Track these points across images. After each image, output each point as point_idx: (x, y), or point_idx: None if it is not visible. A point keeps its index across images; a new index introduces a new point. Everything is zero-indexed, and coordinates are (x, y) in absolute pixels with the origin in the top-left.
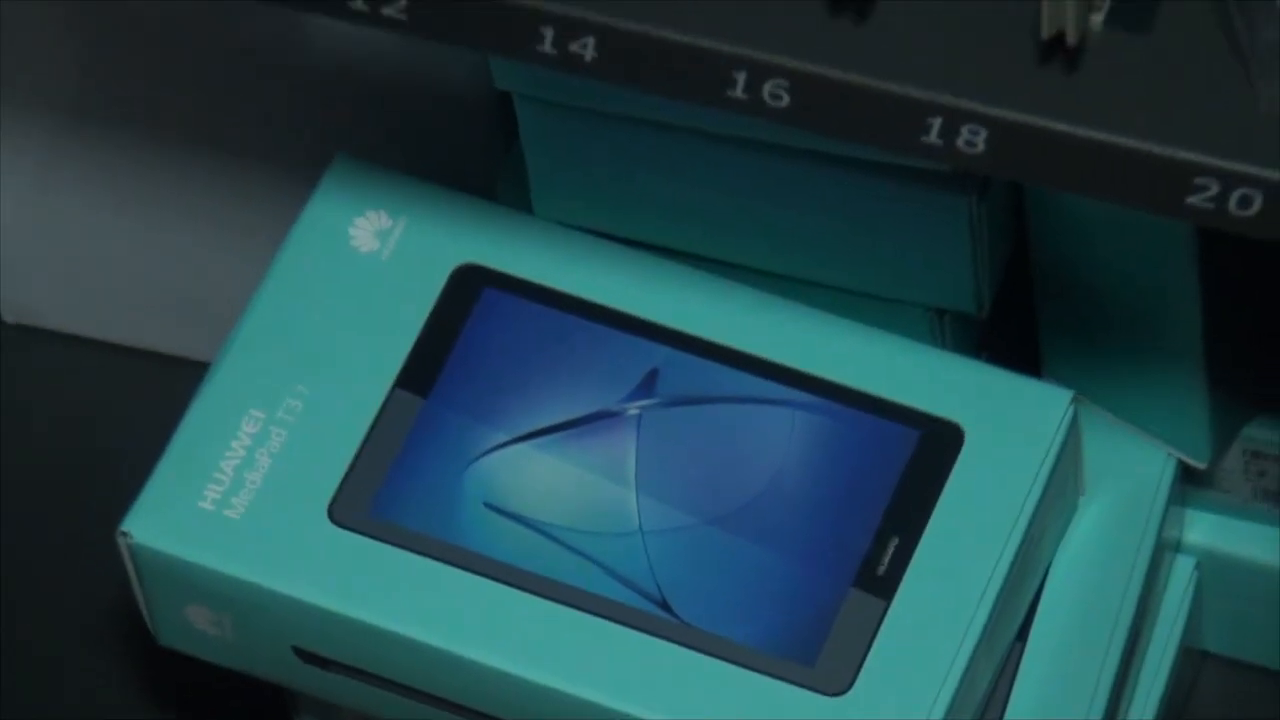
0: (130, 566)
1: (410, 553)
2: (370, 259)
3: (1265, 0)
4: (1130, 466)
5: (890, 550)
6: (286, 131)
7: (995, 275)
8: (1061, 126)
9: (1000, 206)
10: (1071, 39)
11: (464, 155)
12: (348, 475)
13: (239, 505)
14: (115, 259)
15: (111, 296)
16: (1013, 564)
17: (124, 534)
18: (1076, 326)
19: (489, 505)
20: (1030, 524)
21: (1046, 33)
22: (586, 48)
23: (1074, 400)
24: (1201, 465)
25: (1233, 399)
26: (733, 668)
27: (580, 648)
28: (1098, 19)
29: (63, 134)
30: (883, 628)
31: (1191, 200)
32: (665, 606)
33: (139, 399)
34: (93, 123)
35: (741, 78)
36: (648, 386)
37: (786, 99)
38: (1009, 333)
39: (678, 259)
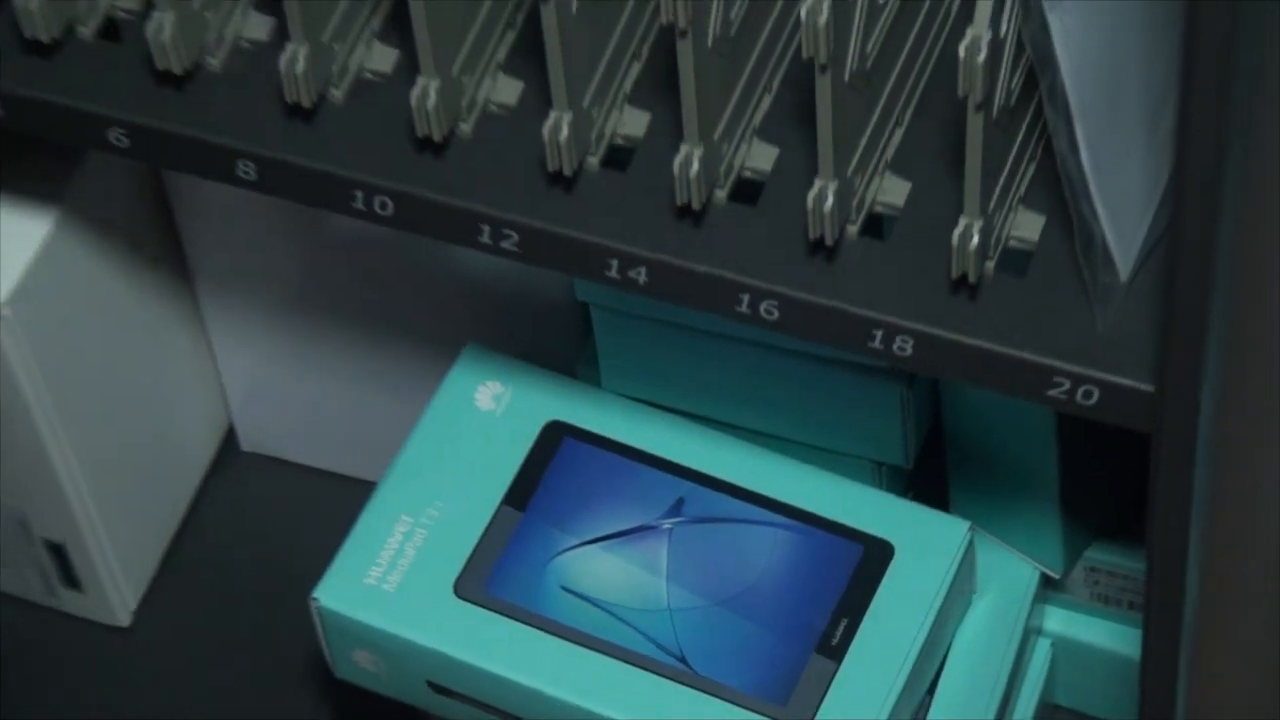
0: (318, 622)
1: (510, 619)
2: (488, 415)
3: (1106, 255)
4: (1007, 574)
5: (841, 627)
6: (441, 320)
7: (919, 438)
8: (964, 339)
9: (923, 391)
10: (972, 278)
11: (555, 341)
12: (468, 563)
13: (393, 582)
14: (318, 404)
15: (313, 431)
16: (926, 640)
17: (314, 599)
18: (974, 474)
19: (564, 588)
20: (938, 613)
21: (955, 274)
22: (640, 275)
23: (970, 529)
24: (1056, 575)
25: (1078, 531)
26: (728, 704)
27: (622, 687)
28: (990, 265)
29: (286, 311)
30: (834, 681)
31: (1051, 392)
32: (684, 661)
33: (330, 506)
34: (310, 305)
35: (745, 298)
36: (676, 509)
37: (776, 314)
38: (927, 477)
39: (699, 420)
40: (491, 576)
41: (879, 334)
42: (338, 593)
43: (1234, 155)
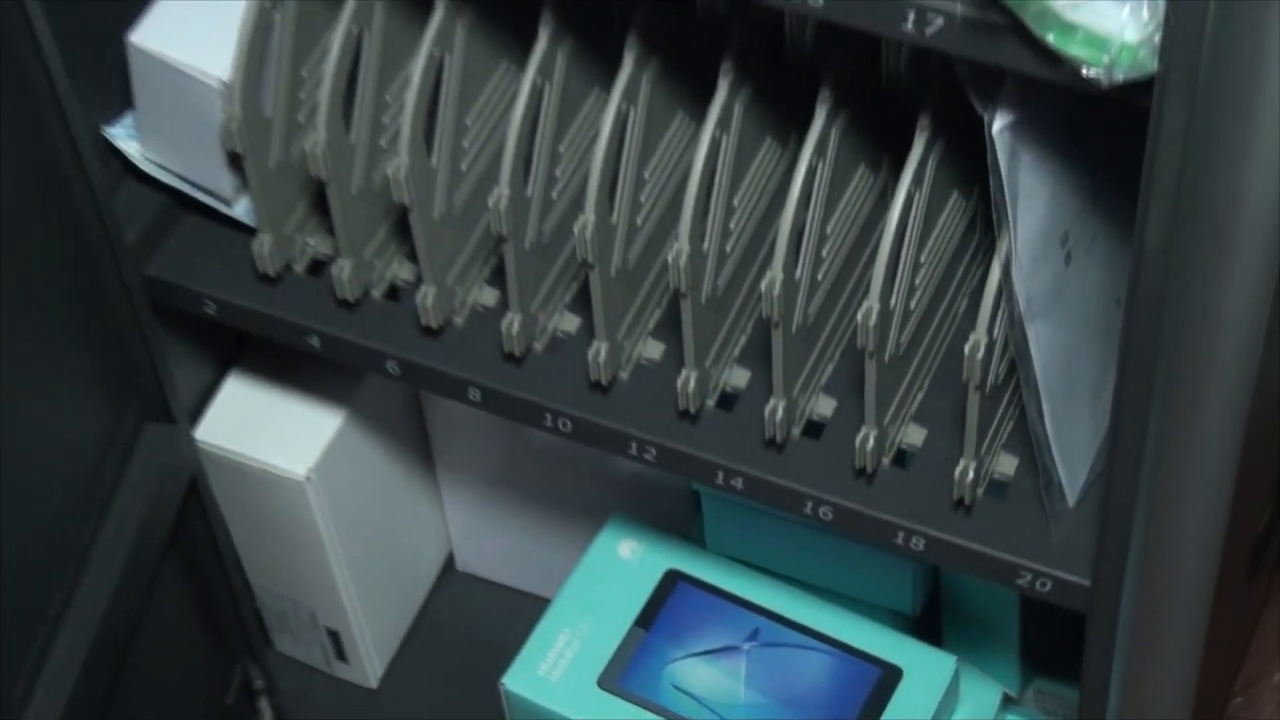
0: (504, 699)
1: (635, 706)
2: (626, 562)
3: (1060, 489)
4: (980, 692)
5: None
6: (600, 495)
7: (924, 595)
8: (961, 542)
9: (927, 567)
10: (968, 501)
11: (676, 515)
12: (608, 665)
13: (556, 675)
14: (512, 541)
15: (509, 560)
16: None
17: (503, 684)
18: (960, 621)
19: (675, 686)
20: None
21: (955, 497)
22: (738, 483)
23: (956, 661)
24: (1014, 695)
25: (1030, 665)
26: None
27: None
28: (980, 491)
29: (494, 478)
30: None
31: (1019, 581)
32: None
33: (517, 615)
34: (512, 475)
35: (809, 504)
36: (753, 636)
37: (831, 516)
38: (927, 620)
39: (771, 574)
40: (624, 675)
41: (900, 534)
42: (518, 680)
43: (1153, 427)
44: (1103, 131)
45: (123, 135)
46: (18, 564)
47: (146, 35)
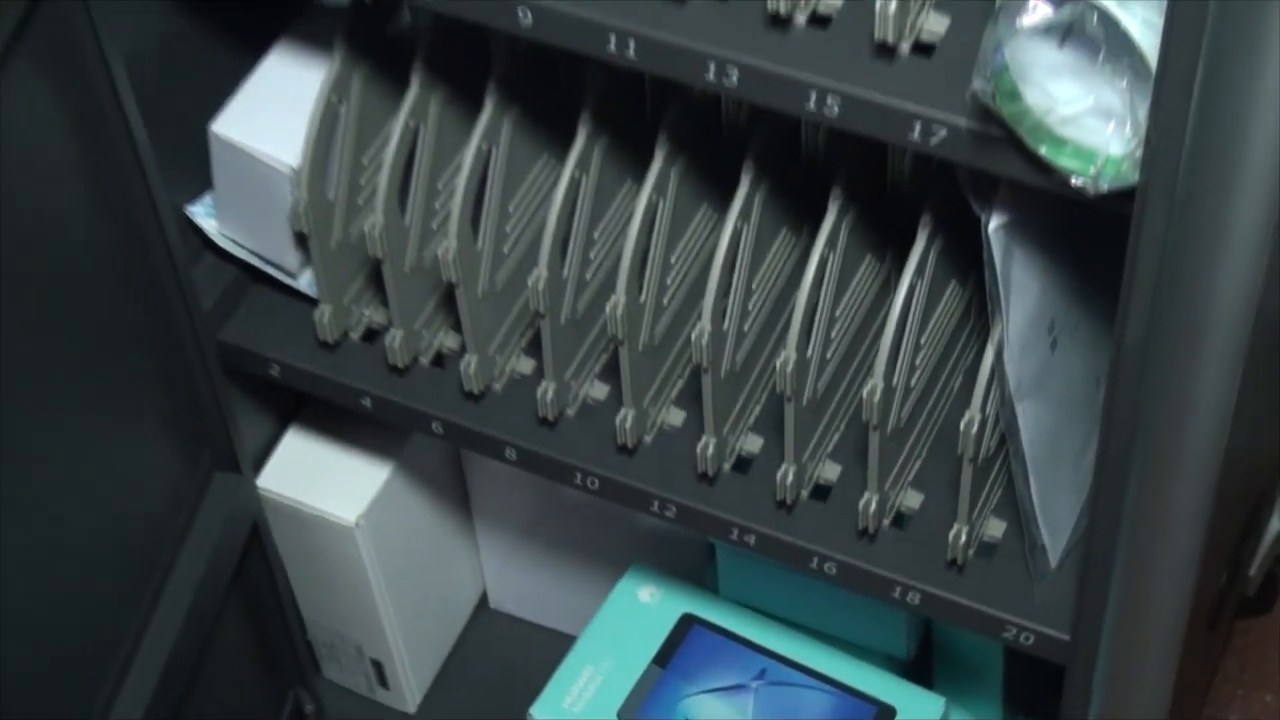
0: None
1: None
2: (645, 605)
3: (1043, 553)
4: None
5: None
6: (624, 544)
7: (917, 641)
8: (953, 597)
9: (919, 616)
10: (960, 561)
11: (691, 563)
12: (627, 699)
13: (580, 707)
14: (541, 583)
15: (537, 600)
16: None
17: (530, 715)
18: (949, 665)
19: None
20: None
21: (949, 557)
22: (750, 539)
23: (945, 703)
24: None
25: (1012, 708)
26: None
27: None
28: (971, 552)
29: (527, 525)
30: None
31: (1005, 634)
32: None
33: (544, 650)
34: (543, 524)
35: (815, 560)
36: (760, 675)
37: (835, 571)
38: (921, 666)
39: (778, 619)
40: (642, 709)
41: (898, 590)
42: (545, 710)
43: (1130, 499)
44: (1088, 231)
45: (202, 213)
46: (100, 597)
47: (226, 125)
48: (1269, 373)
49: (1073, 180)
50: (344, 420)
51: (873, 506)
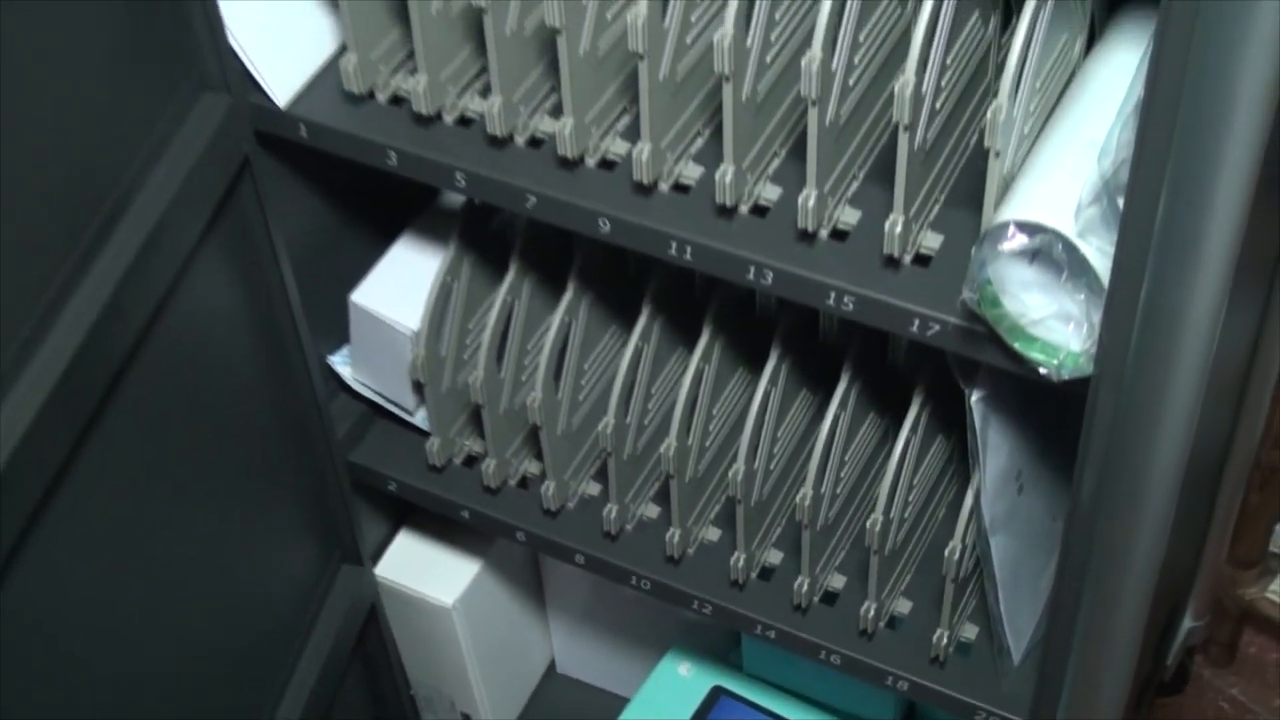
0: None
1: None
2: (683, 679)
3: (1008, 654)
4: None
5: None
6: (668, 630)
7: (903, 712)
8: (934, 686)
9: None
10: (941, 658)
11: (722, 644)
12: None
13: None
14: (600, 653)
15: (597, 666)
16: None
17: None
18: None
19: None
20: None
21: (931, 655)
22: (771, 634)
23: None
24: None
25: None
26: None
27: None
28: (950, 649)
29: (588, 612)
30: None
31: (975, 718)
32: None
33: (602, 711)
34: (599, 612)
35: (823, 653)
36: None
37: (839, 661)
38: None
39: (789, 692)
40: None
41: (890, 679)
42: None
43: (1081, 614)
44: (1053, 404)
45: (339, 361)
46: (251, 663)
47: (363, 295)
48: (1188, 514)
49: (1040, 369)
50: (445, 525)
51: (871, 612)
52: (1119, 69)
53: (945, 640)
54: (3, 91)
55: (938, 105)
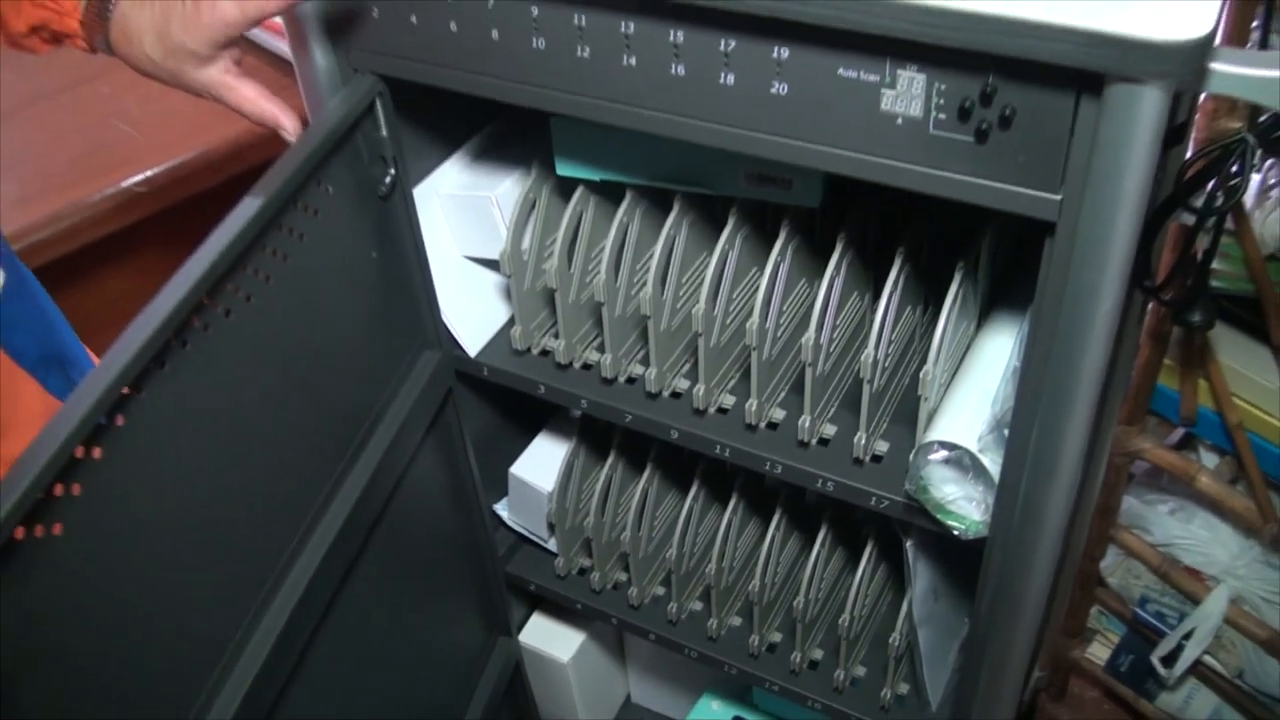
0: None
1: None
2: (715, 710)
3: (929, 703)
4: None
5: None
6: (701, 678)
7: None
8: None
9: None
10: (887, 708)
11: (737, 692)
12: None
13: None
14: (665, 687)
15: (662, 697)
16: None
17: None
18: None
19: None
20: None
21: (880, 704)
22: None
23: None
24: None
25: None
26: None
27: None
28: (890, 703)
29: (657, 656)
30: None
31: None
32: None
33: None
34: (667, 656)
35: (810, 703)
36: None
37: (819, 708)
38: None
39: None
40: None
41: (887, 694)
42: None
43: (982, 677)
44: (959, 550)
45: (502, 508)
46: (436, 710)
47: (519, 468)
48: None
49: (954, 531)
50: (564, 611)
51: (842, 676)
52: (1000, 346)
53: (889, 695)
54: (318, 349)
55: (886, 364)
